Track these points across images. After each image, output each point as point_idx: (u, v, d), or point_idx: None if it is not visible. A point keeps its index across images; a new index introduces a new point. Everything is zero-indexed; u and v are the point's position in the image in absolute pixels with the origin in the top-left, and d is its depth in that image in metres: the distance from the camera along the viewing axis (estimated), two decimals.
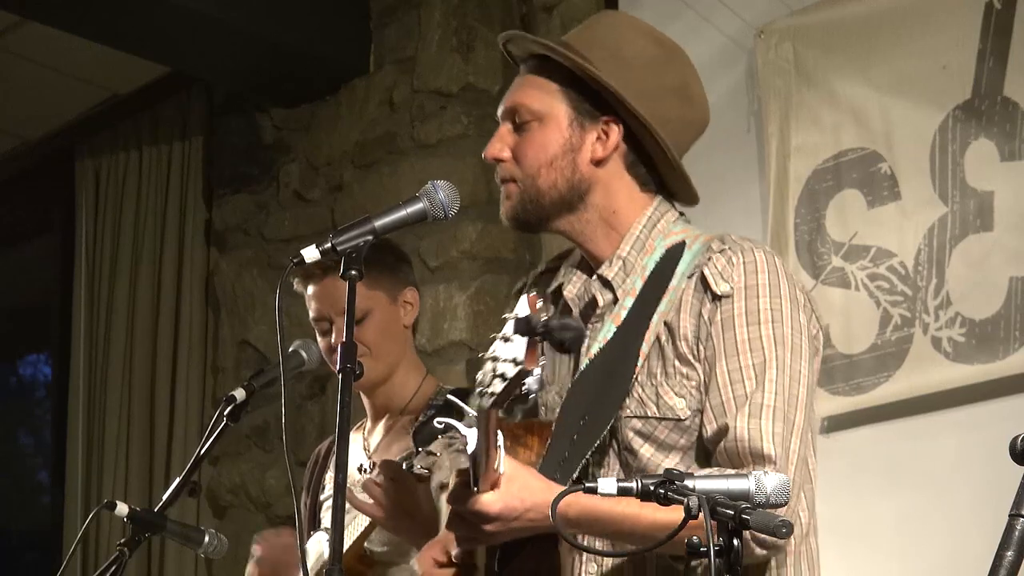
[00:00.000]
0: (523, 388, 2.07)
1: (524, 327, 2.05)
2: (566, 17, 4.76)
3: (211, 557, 3.14)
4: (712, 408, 2.31)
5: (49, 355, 6.78)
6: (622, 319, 2.40)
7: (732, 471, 2.20)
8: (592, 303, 2.46)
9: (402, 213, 2.34)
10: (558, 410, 2.43)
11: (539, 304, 2.07)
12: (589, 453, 2.32)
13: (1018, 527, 1.79)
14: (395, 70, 5.08)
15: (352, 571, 3.10)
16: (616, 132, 2.45)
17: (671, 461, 2.33)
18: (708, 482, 1.99)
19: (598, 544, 2.34)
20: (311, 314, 3.29)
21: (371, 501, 3.00)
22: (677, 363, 2.35)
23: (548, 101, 2.47)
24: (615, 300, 2.43)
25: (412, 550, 3.15)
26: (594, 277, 2.46)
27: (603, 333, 2.41)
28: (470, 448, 2.17)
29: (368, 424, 3.39)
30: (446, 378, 4.62)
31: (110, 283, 5.85)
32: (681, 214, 2.52)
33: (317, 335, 3.29)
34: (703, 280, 2.36)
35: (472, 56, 4.90)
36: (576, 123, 2.46)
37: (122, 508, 2.92)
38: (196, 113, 5.76)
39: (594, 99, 2.45)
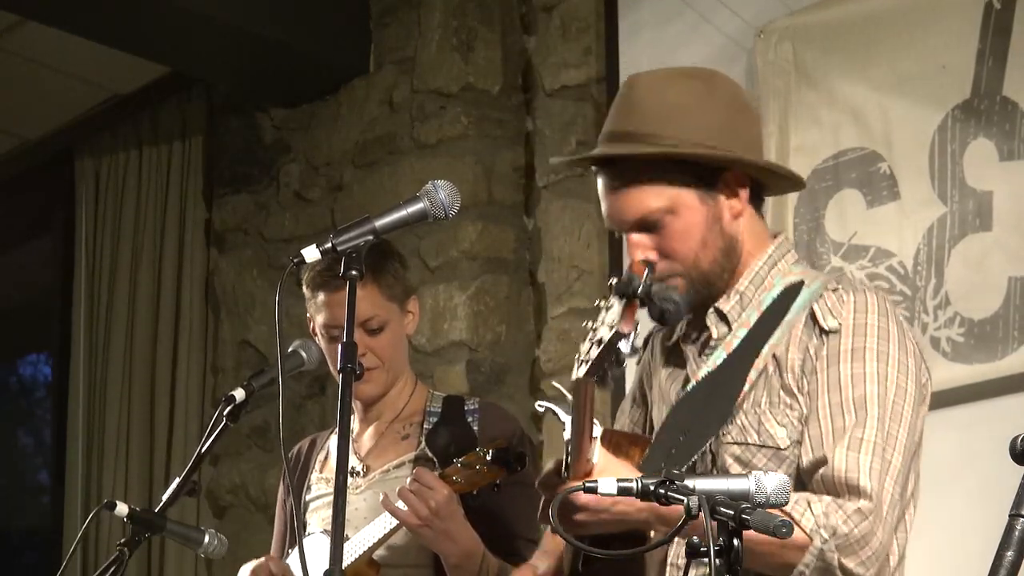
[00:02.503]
0: (616, 354, 2.04)
1: (624, 288, 2.04)
2: (566, 17, 4.76)
3: (211, 557, 3.14)
4: (811, 439, 2.32)
5: (49, 355, 6.79)
6: (733, 347, 2.42)
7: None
8: (707, 339, 2.47)
9: (402, 213, 2.35)
10: (658, 424, 2.44)
11: (646, 271, 2.05)
12: (685, 468, 2.32)
13: (1018, 527, 1.80)
14: (395, 70, 5.08)
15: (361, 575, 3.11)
16: (744, 184, 2.45)
17: None
18: (708, 482, 1.99)
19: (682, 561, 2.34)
20: (323, 320, 3.25)
21: (406, 508, 3.01)
22: (782, 393, 2.37)
23: (667, 193, 2.42)
24: (728, 331, 2.45)
25: (426, 558, 3.16)
26: (710, 310, 2.47)
27: (713, 359, 2.43)
28: (566, 435, 2.16)
29: (356, 427, 3.39)
30: (446, 378, 4.63)
31: (110, 283, 5.85)
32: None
33: (324, 340, 3.27)
34: (812, 315, 2.38)
35: (472, 56, 4.90)
36: (706, 196, 2.43)
37: (122, 508, 2.92)
38: (196, 113, 5.76)
39: (698, 167, 2.42)
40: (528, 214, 4.82)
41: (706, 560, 2.27)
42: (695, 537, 1.93)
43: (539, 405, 2.25)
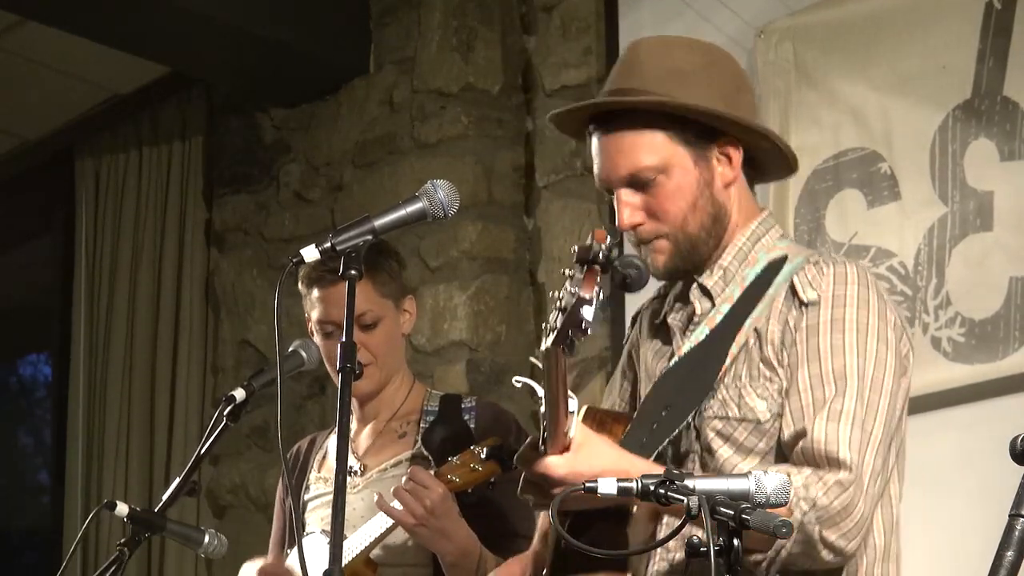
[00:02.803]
0: (580, 320, 2.03)
1: (584, 254, 2.04)
2: (566, 17, 4.76)
3: (211, 557, 3.13)
4: (791, 412, 2.32)
5: (49, 355, 6.79)
6: (716, 323, 2.41)
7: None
8: (691, 315, 2.47)
9: (402, 213, 2.34)
10: (642, 400, 2.44)
11: (608, 238, 2.05)
12: (667, 441, 2.33)
13: (1018, 527, 1.80)
14: (395, 70, 5.08)
15: (358, 574, 3.11)
16: (737, 152, 2.45)
17: (749, 464, 2.33)
18: (708, 482, 1.99)
19: (673, 543, 2.32)
20: (317, 316, 3.27)
21: (402, 508, 3.01)
22: (762, 366, 2.36)
23: (661, 151, 2.42)
24: (712, 307, 2.44)
25: (424, 557, 3.15)
26: (693, 285, 2.47)
27: (697, 334, 2.43)
28: (541, 408, 2.16)
29: (354, 425, 3.39)
30: (446, 378, 4.63)
31: (110, 283, 5.85)
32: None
33: (319, 336, 3.28)
34: (792, 288, 2.37)
35: (472, 56, 4.90)
36: (700, 159, 2.43)
37: (122, 508, 2.92)
38: (196, 113, 5.75)
39: (695, 127, 2.42)
40: (528, 214, 4.82)
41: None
42: (695, 537, 1.93)
43: (516, 380, 2.24)
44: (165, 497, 2.97)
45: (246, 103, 5.52)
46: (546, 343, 2.07)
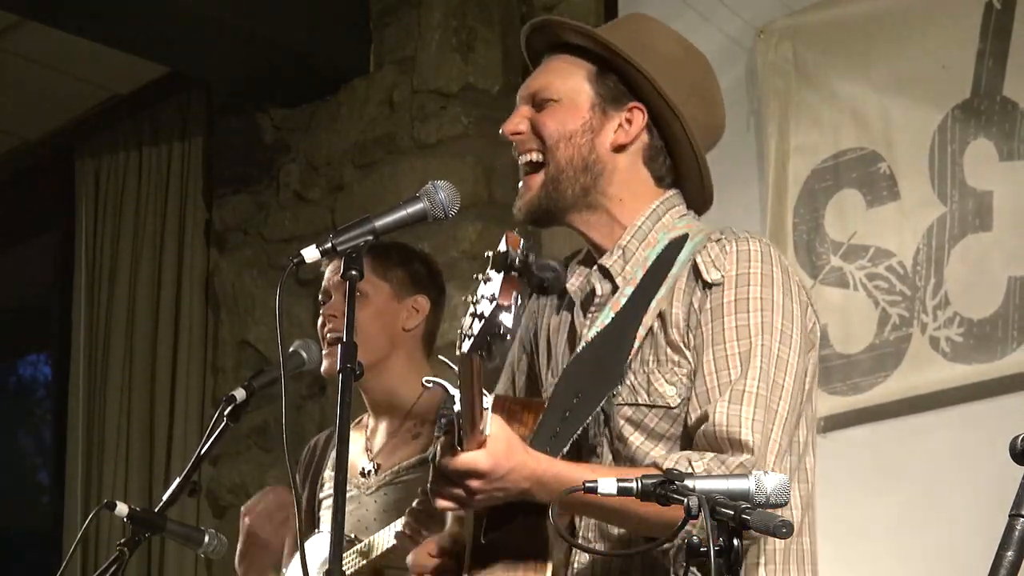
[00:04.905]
0: (499, 327, 2.04)
1: (501, 262, 2.04)
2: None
3: (211, 557, 3.14)
4: (697, 395, 2.30)
5: (49, 355, 6.79)
6: (621, 306, 2.40)
7: (732, 469, 2.20)
8: (592, 292, 2.46)
9: (402, 213, 2.35)
10: (551, 389, 2.43)
11: (521, 242, 2.06)
12: (580, 430, 2.31)
13: (1018, 527, 1.80)
14: (395, 70, 5.08)
15: None
16: (641, 118, 2.45)
17: (660, 450, 2.32)
18: (708, 482, 1.99)
19: (592, 535, 2.34)
20: (322, 284, 3.34)
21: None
22: (669, 351, 2.34)
23: (570, 83, 2.47)
24: (614, 289, 2.43)
25: None
26: (594, 267, 2.47)
27: (601, 319, 2.41)
28: (456, 407, 2.16)
29: (370, 423, 3.38)
30: (444, 378, 4.62)
31: (110, 283, 5.85)
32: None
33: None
34: (695, 268, 2.36)
35: (472, 56, 4.90)
36: (598, 107, 2.46)
37: (122, 508, 2.92)
38: (196, 113, 5.76)
39: (622, 87, 2.45)
40: None
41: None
42: (695, 537, 1.93)
43: (426, 381, 2.24)
44: (165, 497, 2.97)
45: (246, 103, 5.52)
46: (461, 348, 2.07)
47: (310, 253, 2.29)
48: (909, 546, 3.71)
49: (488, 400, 2.18)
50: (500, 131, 2.53)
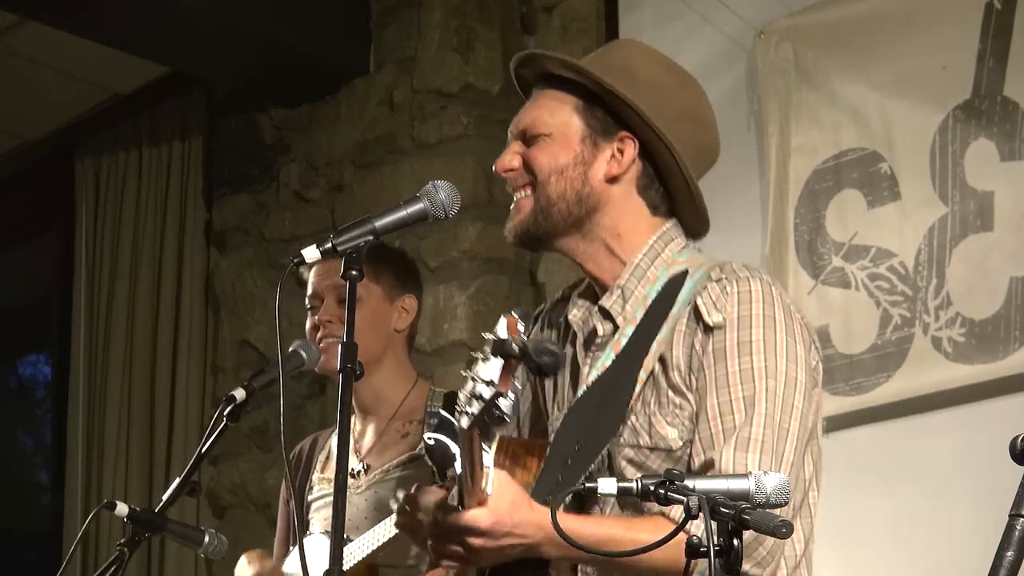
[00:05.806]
0: (497, 411, 2.07)
1: (500, 349, 2.06)
2: (566, 17, 4.76)
3: (211, 557, 3.13)
4: (701, 440, 2.30)
5: (49, 355, 6.78)
6: (622, 347, 2.39)
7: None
8: (593, 332, 2.46)
9: (402, 213, 2.34)
10: (556, 424, 2.43)
11: (519, 327, 2.07)
12: (583, 478, 2.30)
13: (1018, 527, 1.79)
14: (395, 70, 5.08)
15: None
16: (632, 148, 2.43)
17: None
18: (708, 482, 1.99)
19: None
20: (308, 291, 3.34)
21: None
22: (671, 393, 2.34)
23: (559, 116, 2.46)
24: (615, 329, 2.42)
25: (425, 557, 3.15)
26: (596, 307, 2.46)
27: (603, 360, 2.40)
28: (457, 468, 2.17)
29: (357, 426, 3.38)
30: (445, 378, 4.62)
31: (110, 283, 5.85)
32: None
33: (309, 318, 3.33)
34: (695, 310, 2.35)
35: (472, 56, 4.90)
36: (588, 139, 2.45)
37: (122, 508, 2.92)
38: (196, 113, 5.76)
39: (610, 118, 2.44)
40: None
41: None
42: (695, 537, 1.92)
43: (428, 438, 2.26)
44: (165, 497, 2.96)
45: (246, 103, 5.53)
46: (460, 423, 2.09)
47: (310, 253, 2.29)
48: (910, 546, 3.71)
49: (489, 458, 2.19)
50: (492, 168, 2.52)
